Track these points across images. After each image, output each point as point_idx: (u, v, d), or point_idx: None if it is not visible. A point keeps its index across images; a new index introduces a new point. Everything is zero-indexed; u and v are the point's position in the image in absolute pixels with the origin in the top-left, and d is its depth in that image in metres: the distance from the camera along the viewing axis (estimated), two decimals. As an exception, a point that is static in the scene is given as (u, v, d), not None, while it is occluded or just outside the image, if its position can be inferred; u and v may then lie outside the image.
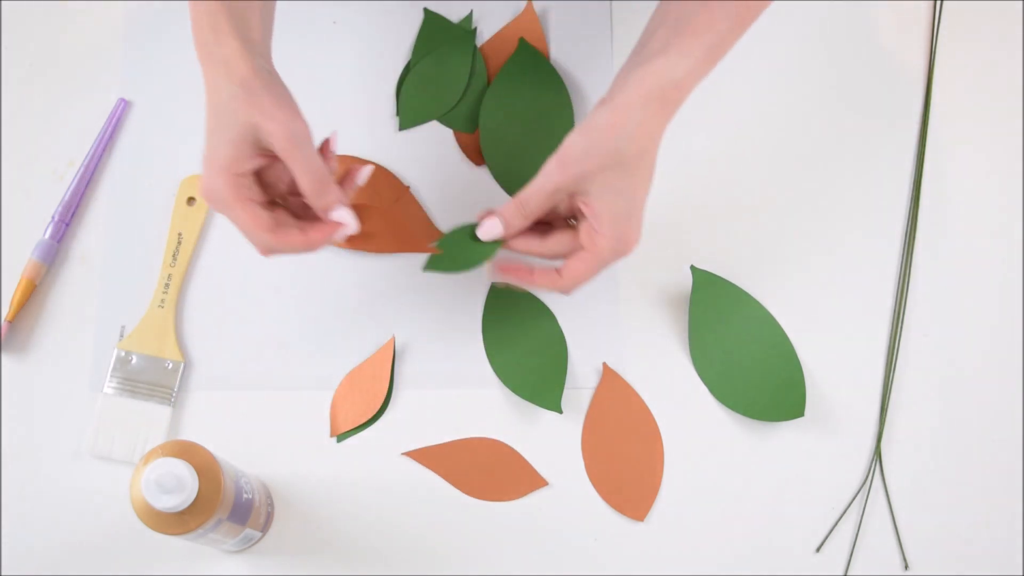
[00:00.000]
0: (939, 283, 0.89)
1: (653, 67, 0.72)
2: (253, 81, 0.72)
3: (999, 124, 0.92)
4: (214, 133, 0.72)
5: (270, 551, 0.83)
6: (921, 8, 0.95)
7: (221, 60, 0.72)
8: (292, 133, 0.72)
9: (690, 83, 0.73)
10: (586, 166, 0.72)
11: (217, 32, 0.73)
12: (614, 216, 0.73)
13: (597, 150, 0.72)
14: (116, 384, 0.86)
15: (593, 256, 0.74)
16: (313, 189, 0.73)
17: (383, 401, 0.86)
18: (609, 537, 0.83)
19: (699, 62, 0.73)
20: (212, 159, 0.72)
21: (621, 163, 0.72)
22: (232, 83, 0.72)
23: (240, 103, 0.72)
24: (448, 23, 0.94)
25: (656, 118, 0.73)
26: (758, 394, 0.85)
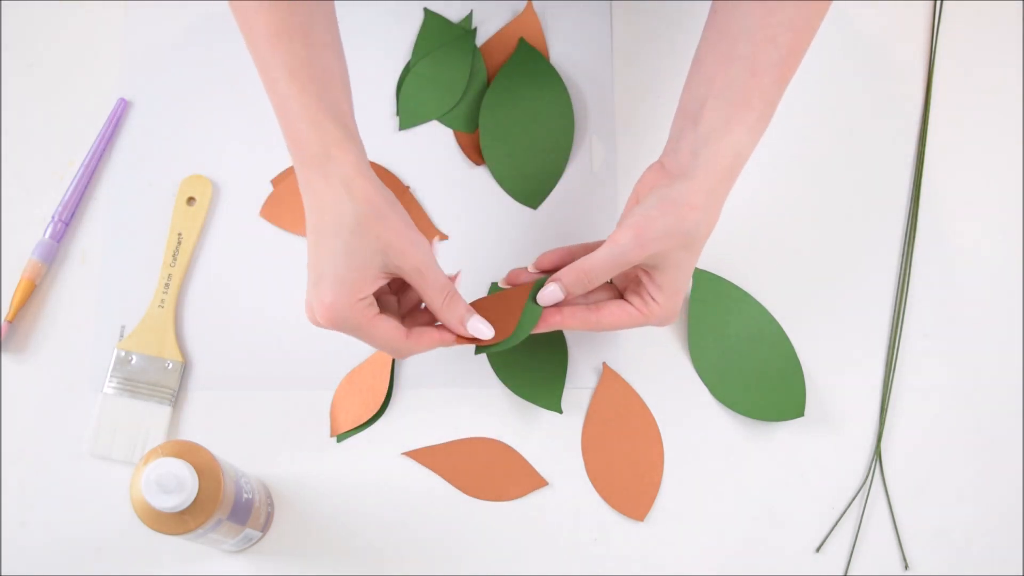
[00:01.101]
0: (939, 283, 0.89)
1: (724, 145, 0.72)
2: (379, 201, 0.70)
3: (999, 124, 0.92)
4: (336, 257, 0.69)
5: (270, 551, 0.83)
6: (921, 8, 0.95)
7: (339, 179, 0.69)
8: (424, 253, 0.71)
9: (750, 153, 0.74)
10: (665, 246, 0.72)
11: (326, 145, 0.70)
12: (674, 291, 0.75)
13: (677, 231, 0.72)
14: (116, 384, 0.86)
15: (642, 318, 0.75)
16: (443, 307, 0.73)
17: (383, 401, 0.86)
18: (609, 537, 0.83)
19: (757, 132, 0.74)
20: (335, 284, 0.69)
21: (693, 243, 0.73)
22: (357, 203, 0.69)
23: (371, 225, 0.69)
24: (448, 23, 0.94)
25: (725, 195, 0.74)
26: (758, 394, 0.85)
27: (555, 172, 0.91)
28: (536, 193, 0.90)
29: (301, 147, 0.70)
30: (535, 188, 0.90)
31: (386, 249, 0.70)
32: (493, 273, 0.88)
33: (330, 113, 0.71)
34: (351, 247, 0.69)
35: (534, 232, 0.90)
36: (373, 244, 0.69)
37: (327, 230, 0.69)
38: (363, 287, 0.70)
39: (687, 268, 0.74)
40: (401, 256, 0.70)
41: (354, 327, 0.71)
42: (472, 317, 0.74)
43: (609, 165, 0.91)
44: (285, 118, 0.71)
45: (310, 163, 0.70)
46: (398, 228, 0.70)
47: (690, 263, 0.74)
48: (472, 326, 0.74)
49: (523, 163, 0.90)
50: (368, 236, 0.69)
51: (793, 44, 0.73)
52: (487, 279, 0.88)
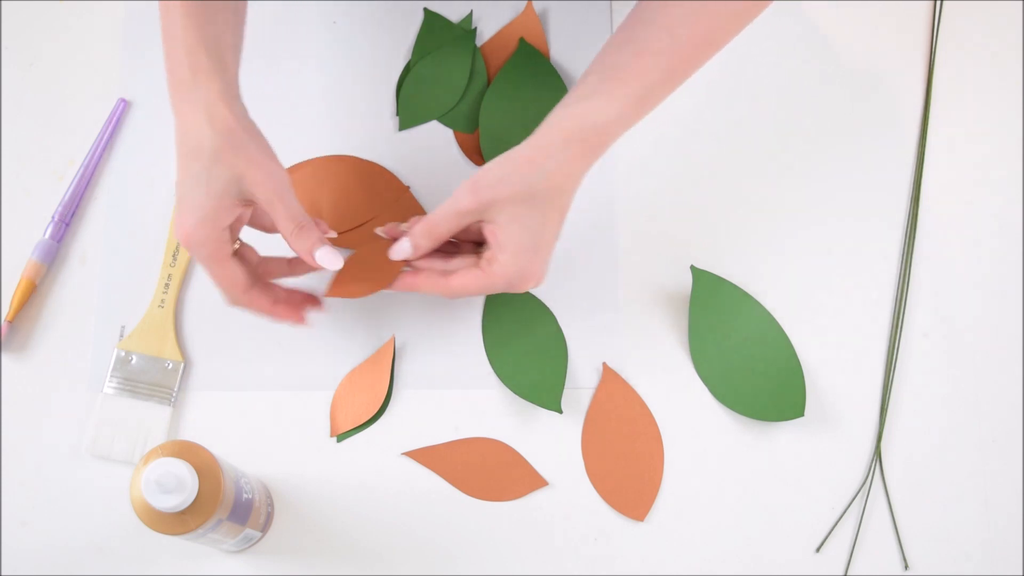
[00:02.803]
0: (939, 283, 0.89)
1: (577, 110, 0.73)
2: (237, 130, 0.72)
3: (999, 124, 0.92)
4: (196, 182, 0.71)
5: (270, 551, 0.83)
6: (921, 8, 0.95)
7: (202, 104, 0.72)
8: (278, 183, 0.73)
9: (615, 130, 0.74)
10: (497, 194, 0.73)
11: (196, 72, 0.72)
12: (516, 249, 0.74)
13: (510, 180, 0.73)
14: (116, 384, 0.86)
15: (485, 278, 0.75)
16: (295, 233, 0.74)
17: (383, 401, 0.86)
18: (609, 537, 0.83)
19: (625, 109, 0.74)
20: (193, 209, 0.71)
21: (532, 198, 0.73)
22: (216, 131, 0.71)
23: (226, 153, 0.71)
24: (448, 23, 0.94)
25: (576, 161, 0.74)
26: (758, 394, 0.85)
27: (555, 172, 0.90)
28: (536, 193, 0.90)
29: (174, 71, 0.73)
30: (535, 188, 0.90)
31: (241, 177, 0.71)
32: (493, 273, 0.88)
33: (206, 43, 0.73)
34: (210, 174, 0.71)
35: (534, 232, 0.89)
36: (228, 172, 0.71)
37: (188, 155, 0.72)
38: (219, 216, 0.72)
39: (532, 226, 0.74)
40: (255, 184, 0.72)
41: (204, 257, 0.73)
42: (322, 247, 0.74)
43: (609, 165, 0.91)
44: (167, 41, 0.73)
45: (179, 87, 0.73)
46: (254, 157, 0.72)
47: (536, 222, 0.74)
48: (320, 255, 0.74)
49: (523, 163, 0.90)
50: (224, 164, 0.71)
51: (690, 41, 0.74)
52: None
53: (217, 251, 0.73)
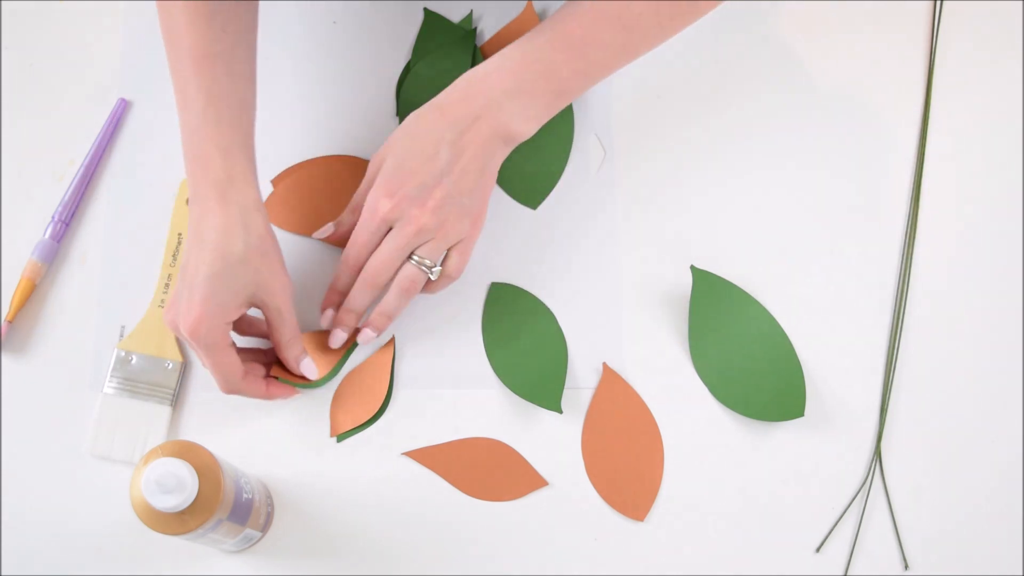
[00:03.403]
0: (939, 283, 0.89)
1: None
2: (267, 238, 0.77)
3: (999, 124, 0.92)
4: (219, 279, 0.75)
5: (270, 551, 0.83)
6: (921, 8, 0.95)
7: (239, 209, 0.75)
8: (289, 295, 0.78)
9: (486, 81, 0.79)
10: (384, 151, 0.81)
11: (232, 175, 0.76)
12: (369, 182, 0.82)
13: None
14: (116, 384, 0.86)
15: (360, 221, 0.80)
16: (288, 344, 0.80)
17: (383, 401, 0.86)
18: (609, 537, 0.83)
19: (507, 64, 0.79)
20: (207, 301, 0.75)
21: (405, 135, 0.80)
22: (250, 237, 0.75)
23: (254, 260, 0.75)
24: (448, 23, 0.94)
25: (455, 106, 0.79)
26: (758, 394, 0.85)
27: (555, 172, 0.91)
28: (536, 193, 0.90)
29: (207, 170, 0.76)
30: (535, 188, 0.90)
31: (261, 284, 0.76)
32: (493, 274, 0.88)
33: (241, 144, 0.77)
34: (233, 273, 0.75)
35: (534, 232, 0.90)
36: (251, 276, 0.76)
37: (214, 251, 0.74)
38: (231, 312, 0.76)
39: (404, 153, 0.78)
40: (271, 295, 0.77)
41: (208, 346, 0.76)
42: (305, 358, 0.82)
43: (609, 165, 0.91)
44: (194, 138, 0.77)
45: (212, 186, 0.76)
46: (275, 268, 0.77)
47: (409, 148, 0.78)
48: (304, 366, 0.81)
49: (523, 163, 0.90)
50: (249, 268, 0.75)
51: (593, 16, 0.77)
52: (487, 279, 0.88)
53: (222, 341, 0.76)
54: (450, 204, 0.78)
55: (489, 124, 0.77)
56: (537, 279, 0.88)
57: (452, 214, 0.78)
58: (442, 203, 0.78)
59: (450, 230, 0.79)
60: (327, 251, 0.89)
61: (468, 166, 0.78)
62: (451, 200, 0.78)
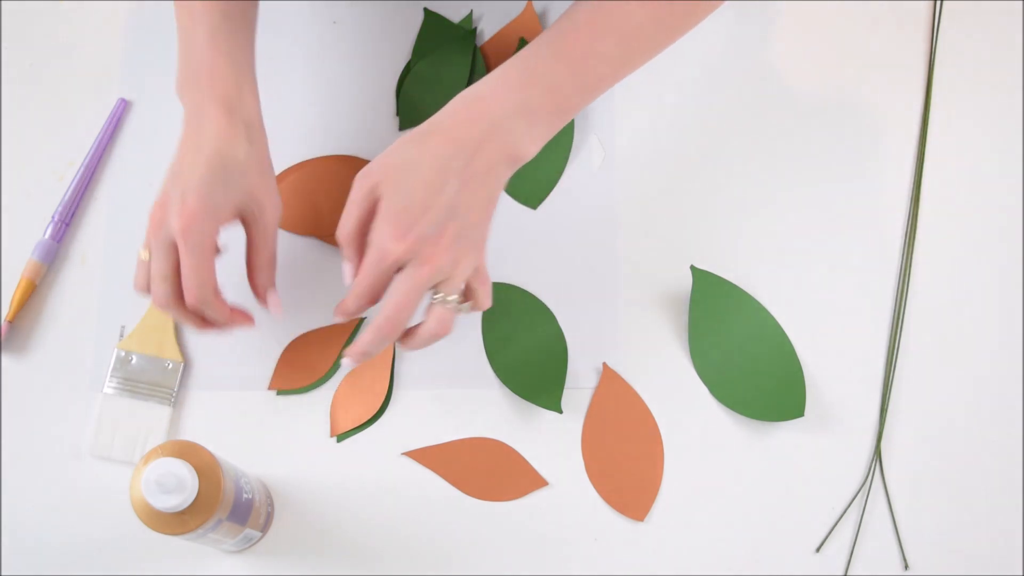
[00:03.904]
0: (939, 283, 0.89)
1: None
2: (266, 154, 0.77)
3: (999, 124, 0.92)
4: (218, 182, 0.74)
5: (270, 551, 0.83)
6: (921, 8, 0.95)
7: (245, 122, 0.76)
8: (276, 219, 0.78)
9: (493, 103, 0.73)
10: (379, 166, 0.73)
11: (242, 89, 0.76)
12: (385, 212, 0.72)
13: (390, 152, 0.73)
14: (116, 384, 0.86)
15: (367, 260, 0.73)
16: (263, 267, 0.79)
17: (383, 401, 0.86)
18: (609, 537, 0.83)
19: (513, 83, 0.73)
20: (205, 200, 0.73)
21: (408, 163, 0.72)
22: (252, 150, 0.76)
23: (253, 171, 0.76)
24: (448, 23, 0.94)
25: (460, 127, 0.73)
26: (758, 394, 0.85)
27: (555, 172, 0.91)
28: (536, 193, 0.90)
29: (214, 83, 0.76)
30: (535, 188, 0.90)
31: (256, 196, 0.76)
32: (493, 274, 0.88)
33: (249, 62, 0.78)
34: (231, 177, 0.74)
35: (534, 232, 0.90)
36: (248, 185, 0.75)
37: (214, 154, 0.74)
38: (224, 214, 0.75)
39: (405, 188, 0.71)
40: (262, 210, 0.77)
41: (195, 245, 0.74)
42: (273, 292, 0.79)
43: (609, 165, 0.91)
44: (204, 52, 0.76)
45: (217, 101, 0.75)
46: (271, 185, 0.77)
47: (410, 182, 0.71)
48: (271, 298, 0.79)
49: (523, 163, 0.90)
50: (247, 177, 0.75)
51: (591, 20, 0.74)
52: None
53: (209, 243, 0.75)
54: (463, 238, 0.72)
55: (496, 148, 0.72)
56: (537, 279, 0.88)
57: (465, 248, 0.73)
58: (455, 239, 0.72)
59: (465, 265, 0.73)
60: (325, 251, 0.89)
61: (476, 195, 0.72)
62: (463, 234, 0.72)
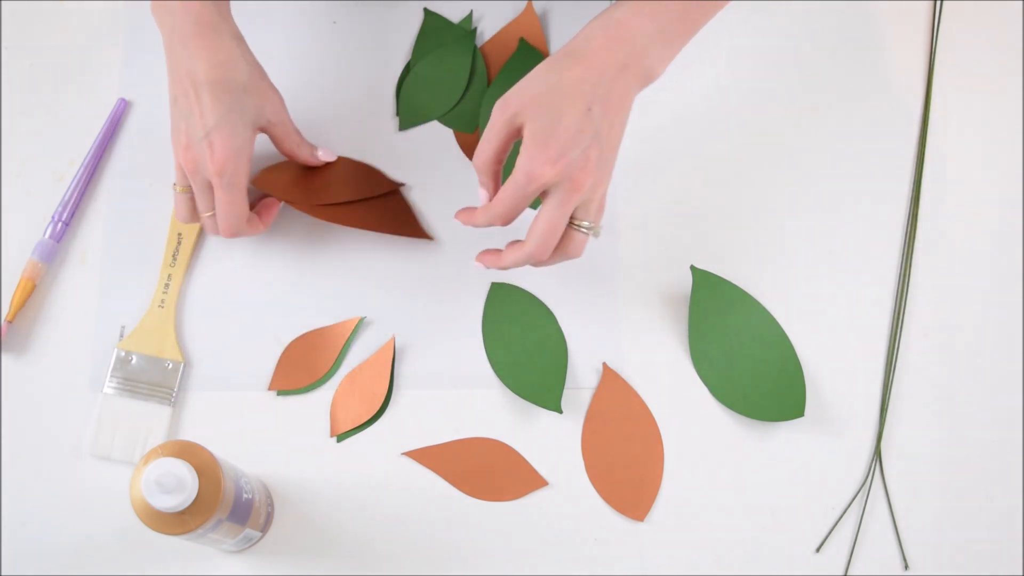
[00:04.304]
0: (939, 283, 0.89)
1: (601, 18, 0.75)
2: (257, 63, 0.79)
3: (999, 124, 0.92)
4: (234, 114, 0.77)
5: (270, 551, 0.83)
6: (921, 8, 0.95)
7: (233, 40, 0.77)
8: (287, 113, 0.81)
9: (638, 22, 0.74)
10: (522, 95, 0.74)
11: (221, 10, 0.78)
12: (531, 137, 0.73)
13: (533, 79, 0.74)
14: (116, 384, 0.86)
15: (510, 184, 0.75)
16: (299, 147, 0.84)
17: (383, 401, 0.86)
18: (609, 537, 0.83)
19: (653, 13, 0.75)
20: (231, 138, 0.77)
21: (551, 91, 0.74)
22: (249, 65, 0.78)
23: (256, 84, 0.78)
24: (448, 23, 0.94)
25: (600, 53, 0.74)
26: (758, 394, 0.85)
27: (555, 172, 0.90)
28: (536, 193, 0.90)
29: (190, 13, 0.77)
30: (535, 188, 0.90)
31: (266, 107, 0.79)
32: (493, 274, 0.88)
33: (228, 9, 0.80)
34: (242, 106, 0.77)
35: (534, 232, 0.89)
36: (257, 102, 0.78)
37: (220, 87, 0.76)
38: (249, 145, 0.79)
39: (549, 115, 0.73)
40: (276, 114, 0.80)
41: (231, 184, 0.78)
42: (319, 150, 0.86)
43: (609, 165, 0.91)
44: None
45: (197, 24, 0.77)
46: (272, 87, 0.81)
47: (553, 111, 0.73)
48: (322, 153, 0.86)
49: (523, 163, 0.90)
50: (253, 95, 0.78)
51: None
52: (487, 280, 0.88)
53: (244, 180, 0.78)
54: (603, 162, 0.75)
55: (635, 72, 0.75)
56: (537, 279, 0.88)
57: (604, 172, 0.75)
58: (599, 162, 0.74)
59: (603, 189, 0.76)
60: (325, 249, 0.89)
61: (616, 119, 0.75)
62: (604, 158, 0.75)
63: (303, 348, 0.87)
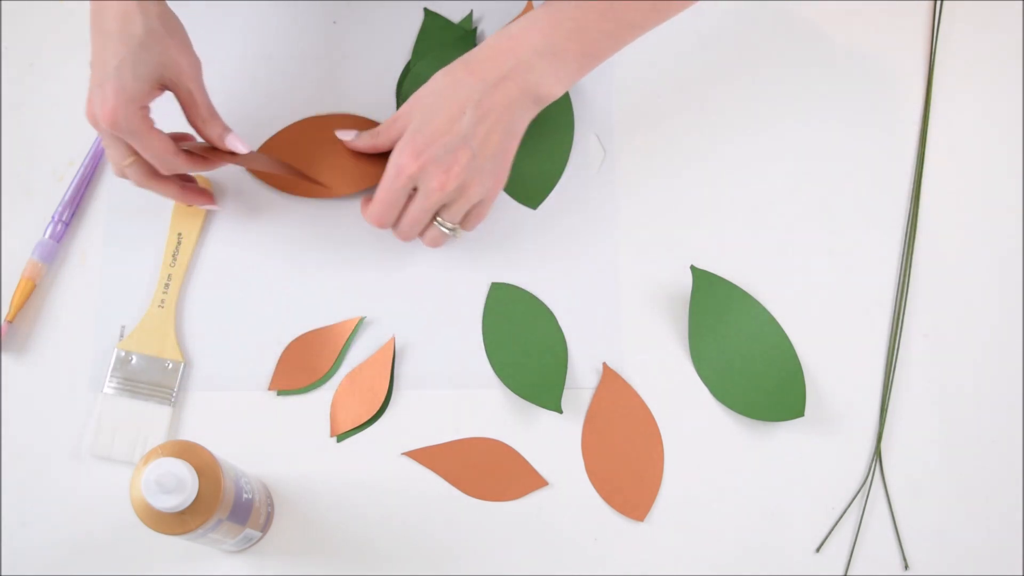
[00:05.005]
0: (939, 283, 0.89)
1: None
2: (167, 18, 0.78)
3: (999, 124, 0.92)
4: (122, 65, 0.76)
5: (270, 551, 0.83)
6: (921, 8, 0.95)
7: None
8: (196, 72, 0.79)
9: (525, 33, 0.78)
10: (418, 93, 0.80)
11: None
12: (405, 114, 0.81)
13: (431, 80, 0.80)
14: (116, 384, 0.86)
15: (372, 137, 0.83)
16: (205, 122, 0.80)
17: (383, 401, 0.86)
18: (609, 537, 0.83)
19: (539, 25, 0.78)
20: (119, 91, 0.76)
21: (437, 88, 0.80)
22: (147, 18, 0.76)
23: (155, 40, 0.76)
24: (448, 23, 0.94)
25: (491, 62, 0.79)
26: (758, 394, 0.85)
27: (555, 172, 0.91)
28: (536, 193, 0.90)
29: None
30: (535, 188, 0.90)
31: (166, 64, 0.77)
32: (493, 274, 0.88)
33: None
34: (137, 58, 0.76)
35: (534, 232, 0.90)
36: (156, 57, 0.76)
37: (116, 39, 0.76)
38: (142, 96, 0.77)
39: (429, 105, 0.79)
40: (177, 74, 0.78)
41: (130, 131, 0.77)
42: (229, 134, 0.81)
43: (609, 165, 0.91)
44: None
45: None
46: (178, 46, 0.78)
47: (433, 104, 0.79)
48: (229, 141, 0.81)
49: (523, 163, 0.90)
50: (152, 50, 0.76)
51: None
52: (487, 279, 0.88)
53: (143, 125, 0.77)
54: (474, 167, 0.79)
55: (518, 84, 0.78)
56: (537, 279, 0.88)
57: (475, 177, 0.80)
58: (466, 166, 0.79)
59: (472, 192, 0.80)
60: (326, 248, 0.89)
61: (493, 127, 0.79)
62: (475, 163, 0.79)
63: (303, 348, 0.87)
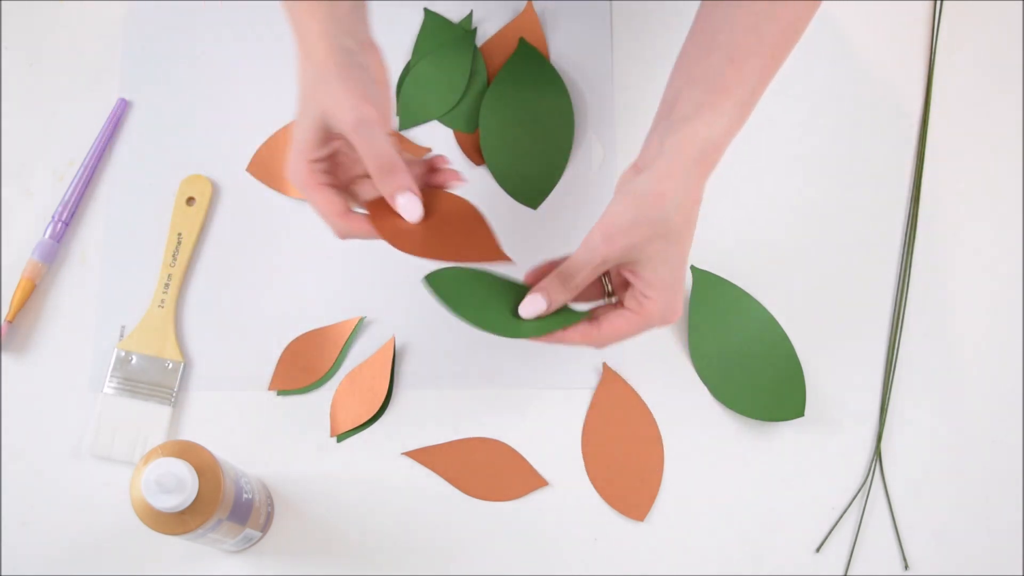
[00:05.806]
0: (939, 283, 0.89)
1: (691, 131, 0.71)
2: (328, 65, 0.72)
3: (999, 124, 0.92)
4: (299, 118, 0.73)
5: (270, 551, 0.83)
6: (921, 8, 0.95)
7: (306, 42, 0.73)
8: (358, 119, 0.71)
9: (726, 141, 0.72)
10: (633, 238, 0.70)
11: (303, 11, 0.73)
12: (664, 285, 0.72)
13: (645, 220, 0.70)
14: (116, 384, 0.86)
15: (641, 319, 0.73)
16: (379, 173, 0.72)
17: (383, 401, 0.86)
18: (609, 537, 0.83)
19: (733, 119, 0.72)
20: (295, 143, 0.73)
21: (669, 232, 0.71)
22: (313, 67, 0.72)
23: (315, 89, 0.72)
24: (448, 23, 0.94)
25: (698, 182, 0.72)
26: (758, 394, 0.85)
27: (555, 172, 0.91)
28: (536, 193, 0.90)
29: (295, 28, 0.74)
30: (535, 188, 0.90)
31: (326, 112, 0.71)
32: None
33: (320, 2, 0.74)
34: (302, 112, 0.73)
35: (534, 232, 0.90)
36: (316, 108, 0.71)
37: (298, 95, 0.73)
38: (309, 149, 0.73)
39: (672, 259, 0.72)
40: (337, 120, 0.71)
41: (299, 186, 0.73)
42: (405, 193, 0.72)
43: (609, 165, 0.91)
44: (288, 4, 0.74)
45: (299, 41, 0.73)
46: (337, 92, 0.71)
47: (675, 254, 0.72)
48: (401, 202, 0.72)
49: (523, 163, 0.90)
50: (311, 100, 0.72)
51: (776, 36, 0.73)
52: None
53: (309, 180, 0.73)
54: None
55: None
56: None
57: None
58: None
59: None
60: (326, 245, 0.89)
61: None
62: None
63: (303, 348, 0.87)
